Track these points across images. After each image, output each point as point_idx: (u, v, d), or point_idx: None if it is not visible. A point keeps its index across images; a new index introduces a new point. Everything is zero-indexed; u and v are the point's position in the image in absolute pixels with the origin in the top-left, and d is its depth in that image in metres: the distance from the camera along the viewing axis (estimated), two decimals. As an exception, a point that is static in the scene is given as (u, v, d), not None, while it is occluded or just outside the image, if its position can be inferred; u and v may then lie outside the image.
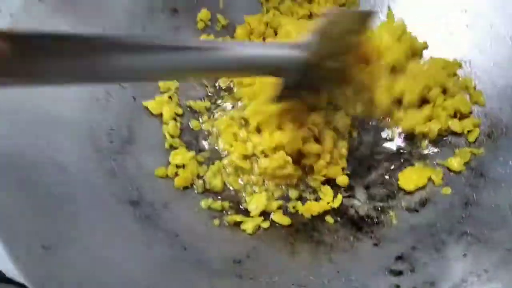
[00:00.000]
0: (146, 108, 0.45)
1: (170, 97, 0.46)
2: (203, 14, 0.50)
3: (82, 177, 0.38)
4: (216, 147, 0.45)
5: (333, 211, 0.41)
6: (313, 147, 0.42)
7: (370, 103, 0.44)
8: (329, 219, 0.41)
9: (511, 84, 0.43)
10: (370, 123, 0.45)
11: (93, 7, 0.44)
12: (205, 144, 0.45)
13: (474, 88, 0.45)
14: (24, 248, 0.31)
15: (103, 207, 0.37)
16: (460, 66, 0.46)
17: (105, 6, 0.45)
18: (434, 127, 0.43)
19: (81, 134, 0.40)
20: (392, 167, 0.43)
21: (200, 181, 0.42)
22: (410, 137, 0.44)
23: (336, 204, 0.41)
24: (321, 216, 0.41)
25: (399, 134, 0.45)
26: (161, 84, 0.47)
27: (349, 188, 0.43)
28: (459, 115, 0.44)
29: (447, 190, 0.41)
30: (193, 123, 0.46)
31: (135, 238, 0.37)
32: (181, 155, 0.43)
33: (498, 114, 0.43)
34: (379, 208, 0.41)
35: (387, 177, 0.43)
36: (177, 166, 0.43)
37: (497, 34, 0.45)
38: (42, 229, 0.33)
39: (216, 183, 0.42)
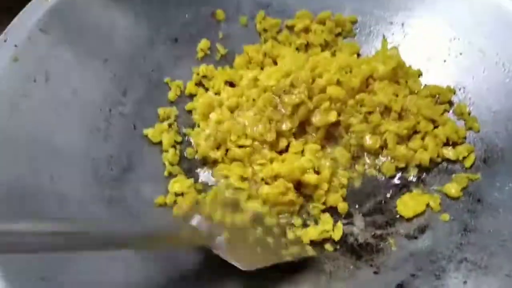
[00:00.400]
0: (146, 136, 0.46)
1: (170, 125, 0.47)
2: (203, 44, 0.51)
3: (81, 206, 0.38)
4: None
5: (333, 239, 0.41)
6: (311, 178, 0.42)
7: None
8: (328, 247, 0.41)
9: (505, 108, 0.44)
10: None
11: (96, 38, 0.46)
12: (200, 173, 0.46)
13: (469, 114, 0.46)
14: (23, 279, 0.31)
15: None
16: (454, 93, 0.47)
17: (108, 37, 0.47)
18: (425, 157, 0.44)
19: (81, 162, 0.41)
20: (390, 194, 0.44)
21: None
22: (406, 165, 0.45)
23: (336, 235, 0.41)
24: (320, 244, 0.41)
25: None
26: (161, 112, 0.47)
27: (348, 215, 0.43)
28: (451, 142, 0.45)
29: (446, 217, 0.41)
30: (188, 151, 0.46)
31: (136, 267, 0.37)
32: (180, 183, 0.43)
33: (493, 139, 0.43)
34: (378, 236, 0.41)
35: (385, 204, 0.43)
36: (176, 194, 0.43)
37: (489, 61, 0.46)
38: (40, 261, 0.33)
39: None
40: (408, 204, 0.42)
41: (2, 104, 0.38)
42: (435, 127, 0.46)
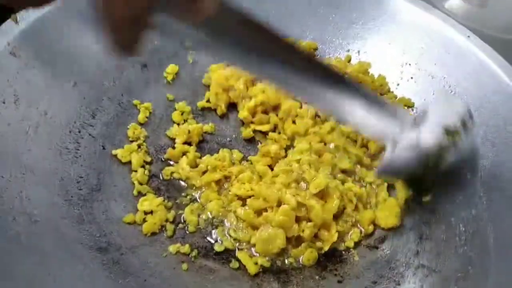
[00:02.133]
0: (115, 156, 0.46)
1: (139, 146, 0.48)
2: (170, 68, 0.53)
3: (51, 226, 0.38)
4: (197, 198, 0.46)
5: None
6: None
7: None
8: (292, 260, 0.42)
9: (453, 127, 0.47)
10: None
11: (67, 61, 0.47)
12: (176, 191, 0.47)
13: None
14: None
15: (72, 255, 0.37)
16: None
17: (78, 61, 0.48)
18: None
19: (50, 182, 0.41)
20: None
21: (171, 225, 0.43)
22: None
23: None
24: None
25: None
26: (130, 133, 0.48)
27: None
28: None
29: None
30: (166, 171, 0.47)
31: (104, 284, 0.37)
32: (149, 201, 0.44)
33: (444, 155, 0.47)
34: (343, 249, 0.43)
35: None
36: (145, 213, 0.43)
37: (438, 84, 0.50)
38: (9, 278, 0.32)
39: (192, 219, 0.43)
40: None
41: (-29, 124, 0.38)
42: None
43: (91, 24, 0.47)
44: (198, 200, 0.46)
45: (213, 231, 0.43)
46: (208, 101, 0.53)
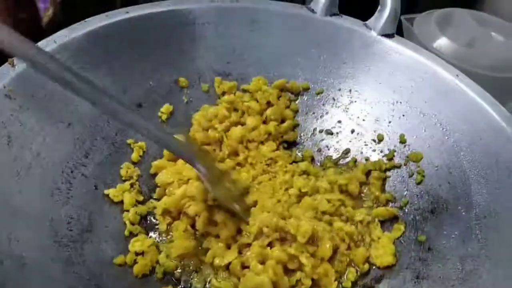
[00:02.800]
0: (107, 195, 0.46)
1: (131, 185, 0.48)
2: (165, 108, 0.54)
3: (39, 269, 0.37)
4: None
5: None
6: None
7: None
8: (289, 300, 0.41)
9: (446, 163, 0.48)
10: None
11: (61, 103, 0.47)
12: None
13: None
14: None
15: (59, 299, 0.36)
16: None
17: (73, 102, 0.48)
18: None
19: (40, 223, 0.40)
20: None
21: (161, 267, 0.42)
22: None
23: None
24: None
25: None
26: (124, 172, 0.48)
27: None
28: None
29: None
30: (158, 210, 0.47)
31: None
32: (140, 242, 0.43)
33: (438, 191, 0.47)
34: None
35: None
36: (137, 254, 0.43)
37: (429, 121, 0.51)
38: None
39: (169, 264, 0.42)
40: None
41: (-38, 165, 0.38)
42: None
43: (87, 67, 0.49)
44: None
45: (192, 277, 0.43)
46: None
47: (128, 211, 0.46)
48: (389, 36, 0.55)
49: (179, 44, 0.55)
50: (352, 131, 0.55)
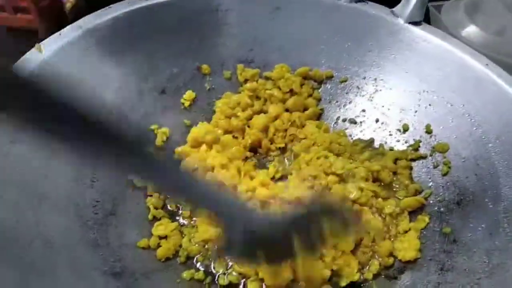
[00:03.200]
0: (131, 181, 0.47)
1: (155, 171, 0.48)
2: (187, 94, 0.54)
3: (66, 250, 0.38)
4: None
5: (315, 281, 0.42)
6: None
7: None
8: (311, 289, 0.41)
9: (473, 155, 0.46)
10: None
11: (87, 88, 0.46)
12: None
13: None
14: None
15: (86, 280, 0.37)
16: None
17: (97, 88, 0.49)
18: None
19: (66, 207, 0.41)
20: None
21: (183, 251, 0.43)
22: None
23: None
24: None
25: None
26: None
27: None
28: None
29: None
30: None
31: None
32: (164, 226, 0.44)
33: (464, 183, 0.46)
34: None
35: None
36: (160, 237, 0.43)
37: (457, 112, 0.49)
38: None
39: (192, 249, 0.43)
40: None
41: (-8, 149, 0.39)
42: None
43: (112, 53, 0.49)
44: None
45: (214, 262, 0.43)
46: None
47: (151, 196, 0.46)
48: (416, 23, 0.54)
49: (202, 31, 0.55)
50: (377, 121, 0.54)
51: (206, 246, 0.43)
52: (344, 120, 0.56)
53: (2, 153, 0.39)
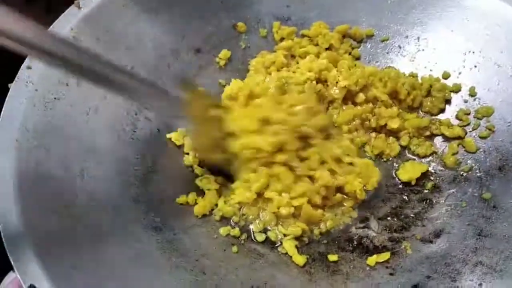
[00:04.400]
0: (169, 139, 0.48)
1: (192, 129, 0.49)
2: (223, 54, 0.54)
3: (110, 204, 0.40)
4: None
5: (349, 241, 0.42)
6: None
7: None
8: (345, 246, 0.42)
9: (520, 120, 0.45)
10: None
11: (124, 46, 0.48)
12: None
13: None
14: (57, 266, 0.33)
15: (129, 234, 0.39)
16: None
17: (135, 46, 0.49)
18: None
19: (109, 161, 0.43)
20: (405, 199, 0.45)
21: (219, 211, 0.44)
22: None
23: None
24: (337, 244, 0.42)
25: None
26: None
27: (364, 219, 0.44)
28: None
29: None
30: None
31: (157, 262, 0.38)
32: (207, 179, 0.45)
33: (508, 148, 0.44)
34: (394, 239, 0.42)
35: (400, 209, 0.44)
36: (197, 194, 0.44)
37: (504, 74, 0.47)
38: (72, 251, 0.35)
39: (227, 210, 0.44)
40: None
41: (38, 104, 0.40)
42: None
43: (144, 13, 0.49)
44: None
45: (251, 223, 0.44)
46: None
47: (188, 154, 0.47)
48: (464, -22, 0.50)
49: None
50: (418, 83, 0.53)
51: (241, 211, 0.44)
52: (383, 81, 0.54)
53: (47, 107, 0.41)
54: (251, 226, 0.43)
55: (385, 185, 0.46)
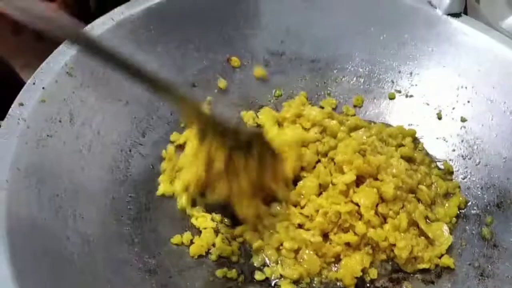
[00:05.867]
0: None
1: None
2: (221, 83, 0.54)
3: (102, 246, 0.39)
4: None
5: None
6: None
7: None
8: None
9: (515, 155, 0.45)
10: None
11: (119, 82, 0.47)
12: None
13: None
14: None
15: (122, 277, 0.38)
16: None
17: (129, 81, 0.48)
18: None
19: (102, 201, 0.42)
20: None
21: (216, 250, 0.43)
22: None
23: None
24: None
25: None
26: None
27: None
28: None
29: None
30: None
31: None
32: (203, 218, 0.44)
33: (505, 184, 0.44)
34: (395, 279, 0.41)
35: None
36: (193, 234, 0.43)
37: (497, 109, 0.48)
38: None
39: (225, 248, 0.42)
40: None
41: (29, 142, 0.39)
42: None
43: (142, 46, 0.49)
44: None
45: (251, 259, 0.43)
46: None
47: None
48: (455, 15, 0.52)
49: (233, 22, 0.54)
50: (412, 118, 0.53)
51: (239, 251, 0.43)
52: (378, 116, 0.54)
53: (39, 145, 0.40)
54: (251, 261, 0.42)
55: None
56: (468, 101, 0.50)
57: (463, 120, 0.50)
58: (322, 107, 0.53)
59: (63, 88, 0.44)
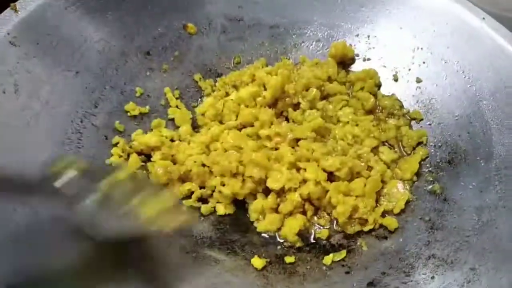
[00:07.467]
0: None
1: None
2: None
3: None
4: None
5: (306, 241, 0.42)
6: None
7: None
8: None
9: (466, 113, 0.46)
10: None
11: (68, 51, 0.46)
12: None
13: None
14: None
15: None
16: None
17: (80, 50, 0.47)
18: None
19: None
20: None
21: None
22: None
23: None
24: (293, 247, 0.42)
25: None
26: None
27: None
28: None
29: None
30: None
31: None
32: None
33: (457, 141, 0.45)
34: (350, 237, 0.42)
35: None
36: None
37: (451, 69, 0.48)
38: None
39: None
40: None
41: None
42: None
43: (91, 13, 0.47)
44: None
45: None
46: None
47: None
48: (412, -24, 0.51)
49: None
50: (370, 79, 0.53)
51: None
52: (335, 79, 0.54)
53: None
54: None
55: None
56: (424, 62, 0.50)
57: (418, 81, 0.50)
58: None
59: (7, 58, 0.42)
